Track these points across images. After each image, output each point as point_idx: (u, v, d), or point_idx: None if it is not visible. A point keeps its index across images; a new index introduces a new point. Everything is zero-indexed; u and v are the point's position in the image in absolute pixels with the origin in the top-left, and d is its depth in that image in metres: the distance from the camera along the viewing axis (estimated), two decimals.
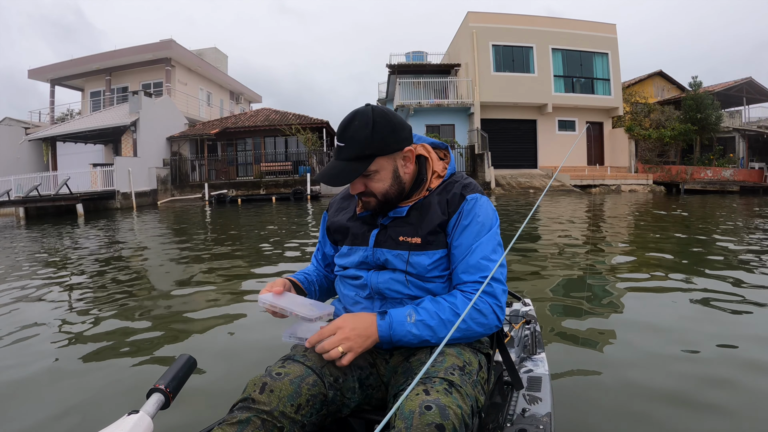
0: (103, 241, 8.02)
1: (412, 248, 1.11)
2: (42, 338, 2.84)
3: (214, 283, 4.27)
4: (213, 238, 7.91)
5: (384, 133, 1.06)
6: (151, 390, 0.88)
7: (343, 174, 1.07)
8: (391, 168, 1.10)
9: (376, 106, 1.08)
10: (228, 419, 0.90)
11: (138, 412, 0.82)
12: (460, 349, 1.07)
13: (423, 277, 1.11)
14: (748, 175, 20.55)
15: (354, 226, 1.20)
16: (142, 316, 3.23)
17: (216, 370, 2.26)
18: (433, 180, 1.18)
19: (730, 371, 2.05)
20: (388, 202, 1.13)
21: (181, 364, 0.95)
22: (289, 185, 19.48)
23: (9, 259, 6.29)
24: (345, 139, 1.06)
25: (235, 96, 32.68)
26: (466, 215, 1.11)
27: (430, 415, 0.82)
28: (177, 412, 1.63)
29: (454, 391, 0.90)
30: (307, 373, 1.01)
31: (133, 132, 19.35)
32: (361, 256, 1.17)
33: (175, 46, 23.71)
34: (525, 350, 1.54)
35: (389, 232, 1.14)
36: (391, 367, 1.13)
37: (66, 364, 2.43)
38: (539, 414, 1.13)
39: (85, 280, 4.63)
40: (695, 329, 2.61)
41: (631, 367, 2.14)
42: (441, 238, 1.12)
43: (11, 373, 2.32)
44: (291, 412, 0.93)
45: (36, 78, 26.17)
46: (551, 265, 4.59)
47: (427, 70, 22.45)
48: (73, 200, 15.78)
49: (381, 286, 1.14)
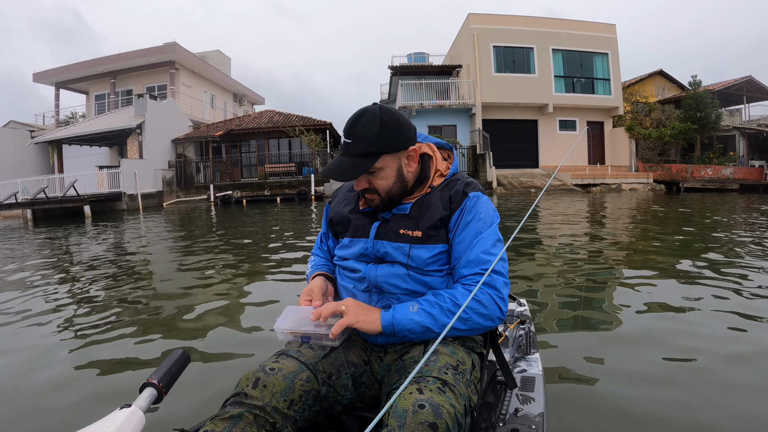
0: (111, 242, 8.20)
1: (413, 241, 1.12)
2: (39, 331, 2.93)
3: (213, 279, 4.33)
4: (218, 237, 8.01)
5: (391, 131, 1.08)
6: (144, 384, 0.88)
7: (349, 169, 1.09)
8: (396, 166, 1.12)
9: (383, 105, 1.11)
10: (220, 414, 0.91)
11: (130, 406, 0.82)
12: (454, 348, 1.08)
13: (422, 271, 1.13)
14: (749, 173, 20.66)
15: (356, 218, 1.22)
16: (139, 312, 3.29)
17: (209, 365, 2.28)
18: (435, 178, 1.20)
19: (729, 372, 2.06)
20: (391, 199, 1.15)
21: (175, 359, 0.95)
22: (293, 186, 19.70)
23: (22, 258, 6.48)
24: (353, 136, 1.08)
25: (239, 98, 32.90)
26: (468, 212, 1.13)
27: (423, 414, 0.83)
28: (169, 406, 1.62)
29: (447, 390, 0.91)
30: (300, 369, 1.01)
31: (139, 134, 19.58)
32: (361, 248, 1.18)
33: (179, 49, 23.93)
34: (519, 350, 1.55)
35: (390, 225, 1.16)
36: (385, 365, 1.15)
37: (58, 358, 2.47)
38: (532, 414, 1.14)
39: (89, 278, 4.72)
40: (691, 331, 2.60)
41: (624, 367, 2.16)
42: (442, 233, 1.13)
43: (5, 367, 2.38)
44: (284, 408, 0.94)
45: (41, 81, 26.39)
46: (547, 265, 4.60)
47: (429, 71, 22.66)
48: (81, 202, 16.01)
49: (379, 279, 1.15)
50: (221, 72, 29.14)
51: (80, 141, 21.40)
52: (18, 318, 3.29)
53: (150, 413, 0.85)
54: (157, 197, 19.68)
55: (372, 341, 1.17)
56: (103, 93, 26.03)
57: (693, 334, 2.54)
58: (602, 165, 21.96)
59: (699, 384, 1.96)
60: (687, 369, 2.11)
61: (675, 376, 2.03)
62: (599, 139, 22.66)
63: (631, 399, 1.84)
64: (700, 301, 3.19)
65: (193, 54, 25.51)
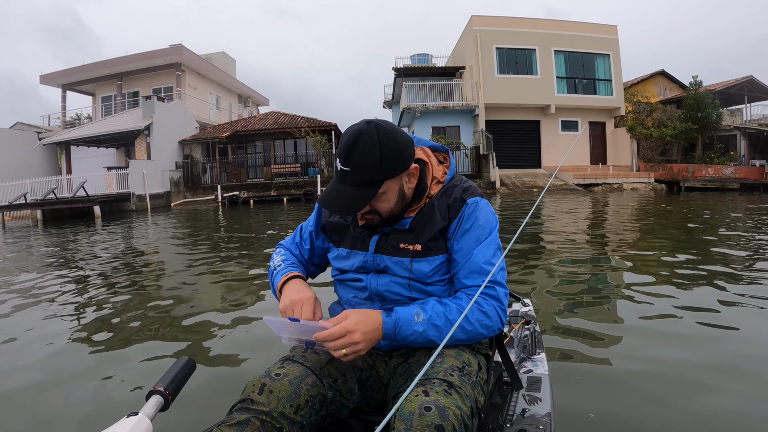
0: (122, 242, 8.31)
1: (414, 255, 1.11)
2: (42, 337, 2.91)
3: (219, 283, 4.35)
4: (226, 237, 8.03)
5: (392, 155, 1.01)
6: (151, 392, 0.88)
7: (351, 201, 1.02)
8: (398, 188, 1.08)
9: (379, 123, 1.02)
10: (227, 420, 0.91)
11: (137, 414, 0.82)
12: (459, 350, 1.07)
13: (424, 282, 1.12)
14: (749, 173, 20.81)
15: (353, 228, 1.19)
16: (144, 317, 3.29)
17: (215, 371, 2.28)
18: (433, 186, 1.16)
19: (732, 371, 2.05)
20: (393, 218, 1.12)
21: (181, 366, 0.95)
22: (299, 186, 19.97)
23: (33, 258, 6.64)
24: (351, 164, 1.00)
25: (243, 99, 33.20)
26: (467, 219, 1.10)
27: (429, 416, 0.83)
28: (176, 414, 1.59)
29: (453, 392, 0.91)
30: (306, 374, 1.01)
31: (147, 136, 19.88)
32: (360, 261, 1.16)
33: (185, 52, 24.23)
34: (524, 351, 1.55)
35: (390, 239, 1.13)
36: (391, 368, 1.14)
37: (64, 364, 2.46)
38: (539, 414, 1.14)
39: (95, 279, 4.75)
40: (697, 330, 2.60)
41: (631, 366, 2.15)
42: (441, 243, 1.12)
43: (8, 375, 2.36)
44: (290, 413, 0.94)
45: (48, 83, 26.71)
46: (551, 264, 4.59)
47: (433, 72, 22.93)
48: (91, 202, 16.27)
49: (381, 288, 1.14)
50: (226, 73, 29.45)
51: (88, 142, 21.70)
52: (23, 322, 3.30)
53: (157, 421, 0.85)
54: (165, 198, 19.98)
55: (377, 347, 1.15)
56: (109, 95, 26.36)
57: (699, 336, 2.52)
58: (604, 165, 22.20)
59: (705, 384, 1.94)
60: (696, 370, 2.09)
61: (683, 377, 2.02)
62: (601, 140, 22.89)
63: (638, 398, 1.84)
64: (711, 299, 3.16)
65: (198, 56, 25.82)
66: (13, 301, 3.97)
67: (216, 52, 30.31)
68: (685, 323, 2.74)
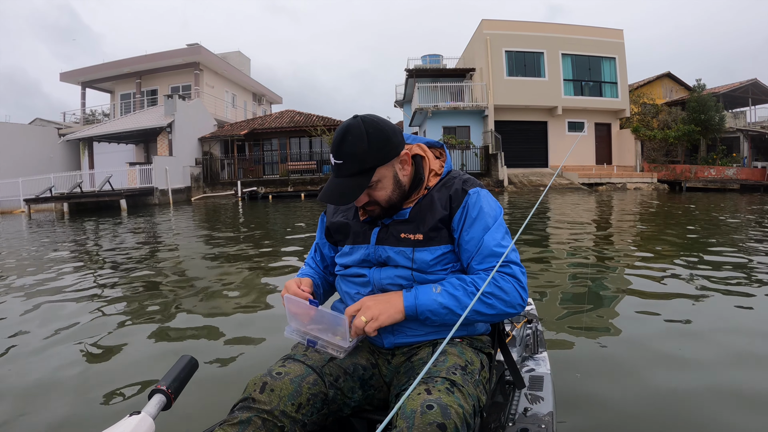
0: (150, 235, 8.49)
1: (415, 245, 1.12)
2: (44, 334, 2.90)
3: (229, 280, 4.34)
4: (245, 236, 7.86)
5: (380, 143, 1.05)
6: (153, 391, 0.87)
7: (347, 191, 1.06)
8: (392, 174, 1.10)
9: (365, 116, 1.08)
10: (229, 420, 0.91)
11: (140, 413, 0.82)
12: (462, 348, 1.08)
13: (426, 272, 1.13)
14: (751, 174, 21.26)
15: (355, 224, 1.21)
16: (150, 314, 3.28)
17: (217, 370, 2.28)
18: (431, 178, 1.19)
19: (733, 369, 2.08)
20: (392, 207, 1.13)
21: (183, 364, 0.95)
22: (315, 183, 20.74)
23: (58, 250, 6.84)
24: (342, 156, 1.05)
25: (258, 97, 33.98)
26: (472, 208, 1.12)
27: (431, 415, 0.83)
28: (178, 412, 1.58)
29: (455, 391, 0.91)
30: (307, 372, 1.02)
31: (169, 133, 20.66)
32: (362, 254, 1.17)
33: (203, 51, 25.03)
34: (527, 349, 1.54)
35: (391, 230, 1.14)
36: (393, 367, 1.14)
37: (68, 361, 2.45)
38: (541, 413, 1.13)
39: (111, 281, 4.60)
40: (700, 327, 2.61)
41: (633, 365, 2.14)
42: (443, 233, 1.12)
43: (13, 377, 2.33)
44: (291, 411, 0.94)
45: (68, 81, 27.47)
46: (554, 263, 4.59)
47: (444, 74, 23.59)
48: (117, 196, 16.98)
49: (384, 282, 1.14)
50: (242, 72, 30.22)
51: (109, 138, 22.44)
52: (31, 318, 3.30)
53: (159, 420, 0.84)
54: (185, 192, 20.79)
55: (378, 344, 1.17)
56: (128, 92, 27.14)
57: (702, 335, 2.53)
58: (609, 165, 22.77)
59: (707, 384, 1.95)
60: (699, 369, 2.10)
61: (685, 375, 2.03)
62: (606, 140, 23.47)
63: (639, 397, 1.84)
64: (714, 298, 3.18)
65: (215, 55, 26.59)
66: (19, 296, 3.95)
67: (232, 52, 31.06)
68: (694, 323, 2.71)
